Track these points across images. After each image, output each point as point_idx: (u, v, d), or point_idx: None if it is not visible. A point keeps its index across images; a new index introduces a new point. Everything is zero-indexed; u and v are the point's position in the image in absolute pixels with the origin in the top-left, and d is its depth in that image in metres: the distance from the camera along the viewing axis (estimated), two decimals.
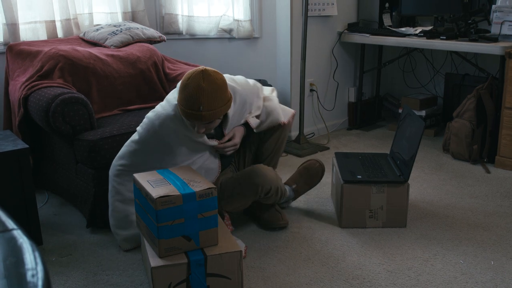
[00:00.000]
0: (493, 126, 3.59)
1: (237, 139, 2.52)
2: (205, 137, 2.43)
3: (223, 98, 2.26)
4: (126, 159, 2.45)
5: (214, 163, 2.53)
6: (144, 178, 2.10)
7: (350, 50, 4.47)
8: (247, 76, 3.97)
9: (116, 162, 2.47)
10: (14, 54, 3.12)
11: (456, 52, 4.03)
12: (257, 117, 2.64)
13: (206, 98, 2.19)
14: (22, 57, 3.09)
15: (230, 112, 2.43)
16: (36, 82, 2.88)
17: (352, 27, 4.32)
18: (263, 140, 2.75)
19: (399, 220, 2.68)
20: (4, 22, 3.23)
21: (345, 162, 2.88)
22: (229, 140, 2.51)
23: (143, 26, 3.51)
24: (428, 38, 3.80)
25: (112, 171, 2.48)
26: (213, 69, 2.26)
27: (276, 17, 4.08)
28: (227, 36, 4.02)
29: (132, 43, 3.33)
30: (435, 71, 4.50)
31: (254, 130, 2.61)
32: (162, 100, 3.21)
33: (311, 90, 4.20)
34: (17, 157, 2.44)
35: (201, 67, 2.26)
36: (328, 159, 3.68)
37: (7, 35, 3.25)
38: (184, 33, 3.89)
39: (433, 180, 3.36)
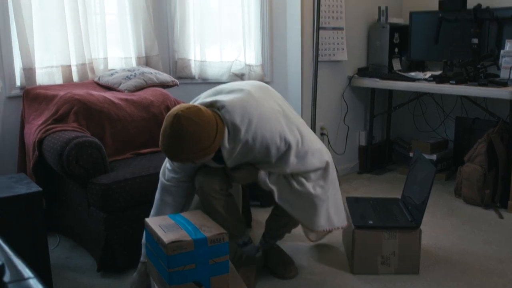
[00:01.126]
0: (504, 170, 3.57)
1: (239, 179, 2.38)
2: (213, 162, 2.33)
3: (190, 147, 2.05)
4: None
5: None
6: (155, 223, 2.11)
7: (360, 94, 4.51)
8: None
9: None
10: (31, 98, 3.18)
11: (466, 96, 4.06)
12: (284, 179, 2.33)
13: (168, 144, 2.07)
14: (38, 101, 3.15)
15: (225, 153, 2.20)
16: (51, 126, 2.93)
17: (362, 72, 4.38)
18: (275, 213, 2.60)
19: (411, 266, 2.65)
20: (21, 66, 3.31)
21: (356, 207, 2.87)
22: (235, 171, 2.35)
23: (157, 71, 3.58)
24: (437, 82, 3.84)
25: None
26: (194, 112, 2.06)
27: (287, 62, 4.14)
28: (238, 80, 4.08)
29: (146, 88, 3.39)
30: (445, 115, 4.52)
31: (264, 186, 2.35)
32: None
33: (322, 134, 4.22)
34: (31, 200, 2.46)
35: (178, 110, 2.08)
36: None
37: (24, 79, 3.32)
38: (196, 77, 3.96)
39: (445, 225, 3.34)
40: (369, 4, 4.43)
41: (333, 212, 2.41)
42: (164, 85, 3.50)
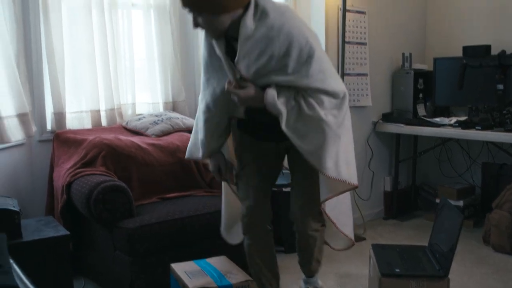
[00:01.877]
0: None
1: (243, 95, 2.11)
2: (224, 57, 2.14)
3: None
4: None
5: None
6: (181, 269, 2.12)
7: (385, 140, 4.51)
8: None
9: None
10: (60, 142, 3.26)
11: (493, 142, 4.03)
12: (295, 99, 2.09)
13: None
14: (68, 145, 3.22)
15: (243, 35, 2.02)
16: (80, 170, 2.99)
17: (387, 117, 4.39)
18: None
19: None
20: (52, 111, 3.40)
21: (383, 254, 2.83)
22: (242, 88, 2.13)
23: (183, 116, 3.64)
24: (463, 128, 3.83)
25: None
26: None
27: None
28: None
29: (172, 133, 3.45)
30: (471, 161, 4.48)
31: (272, 109, 2.09)
32: (200, 188, 3.28)
33: None
34: (58, 243, 2.49)
35: None
36: (364, 250, 3.62)
37: (55, 124, 3.41)
38: None
39: (474, 274, 3.27)
40: (392, 50, 4.47)
41: (342, 161, 2.22)
42: (191, 130, 3.54)
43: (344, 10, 3.84)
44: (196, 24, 2.10)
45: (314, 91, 2.09)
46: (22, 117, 3.09)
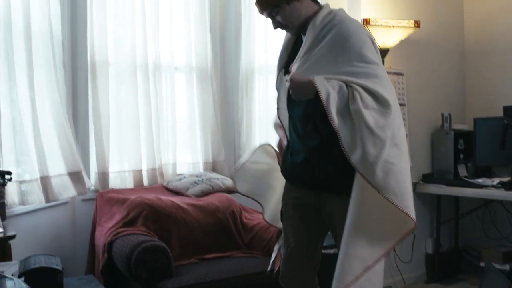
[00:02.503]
0: None
1: (296, 77, 2.02)
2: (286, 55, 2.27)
3: None
4: None
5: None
6: None
7: (425, 201, 4.44)
8: None
9: None
10: (103, 201, 3.33)
11: None
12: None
13: None
14: (110, 204, 3.29)
15: (310, 35, 2.09)
16: (121, 229, 3.04)
17: (427, 178, 4.34)
18: None
19: None
20: (96, 170, 3.50)
21: None
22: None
23: (223, 176, 3.69)
24: (506, 189, 3.75)
25: None
26: None
27: None
28: None
29: (212, 193, 3.49)
30: None
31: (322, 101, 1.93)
32: (239, 249, 3.28)
33: None
34: None
35: None
36: None
37: (98, 183, 3.50)
38: None
39: None
40: (432, 111, 4.47)
41: (395, 180, 1.94)
42: (230, 190, 3.59)
43: None
44: (276, 24, 2.19)
45: (362, 88, 1.97)
46: (74, 176, 3.19)
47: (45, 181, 2.96)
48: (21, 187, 2.88)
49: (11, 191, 2.81)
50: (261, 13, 2.20)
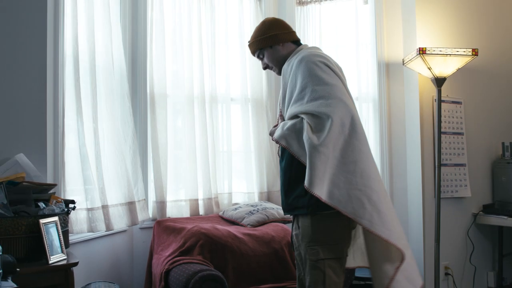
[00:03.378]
0: None
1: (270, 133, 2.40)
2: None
3: (259, 31, 2.49)
4: None
5: None
6: None
7: (486, 232, 4.30)
8: None
9: None
10: (161, 230, 3.39)
11: None
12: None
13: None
14: (167, 233, 3.35)
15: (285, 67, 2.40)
16: (178, 258, 3.08)
17: (488, 209, 4.20)
18: None
19: None
20: (154, 199, 3.58)
21: None
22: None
23: (278, 206, 3.69)
24: None
25: None
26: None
27: (407, 199, 4.10)
28: None
29: (268, 223, 3.50)
30: None
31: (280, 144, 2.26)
32: (294, 280, 3.25)
33: (446, 274, 4.02)
34: None
35: None
36: None
37: (156, 212, 3.57)
38: None
39: None
40: (491, 139, 4.35)
41: (353, 195, 2.10)
42: (285, 220, 3.59)
43: (439, 101, 3.83)
44: (264, 65, 2.56)
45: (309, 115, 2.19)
46: (129, 206, 3.28)
47: (104, 210, 3.05)
48: (87, 215, 2.98)
49: (76, 219, 2.91)
50: (253, 55, 2.59)
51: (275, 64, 2.50)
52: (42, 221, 2.32)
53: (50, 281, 2.27)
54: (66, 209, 2.58)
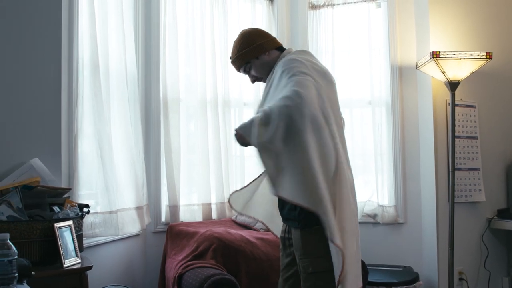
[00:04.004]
0: None
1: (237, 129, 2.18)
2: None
3: (241, 44, 2.42)
4: None
5: None
6: None
7: (501, 237, 4.26)
8: (391, 261, 3.92)
9: None
10: (174, 234, 3.40)
11: None
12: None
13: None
14: (180, 237, 3.36)
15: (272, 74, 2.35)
16: (191, 262, 3.08)
17: (503, 213, 4.16)
18: None
19: None
20: (167, 204, 3.59)
21: None
22: None
23: None
24: None
25: None
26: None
27: (421, 203, 4.08)
28: (371, 221, 4.06)
29: None
30: None
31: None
32: None
33: (461, 279, 3.99)
34: None
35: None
36: None
37: (168, 216, 3.58)
38: None
39: None
40: (506, 143, 4.31)
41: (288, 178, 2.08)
42: None
43: (453, 105, 3.80)
44: (252, 78, 2.49)
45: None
46: (139, 210, 3.29)
47: (116, 214, 3.06)
48: (97, 219, 3.00)
49: (90, 223, 2.94)
50: (238, 71, 2.51)
51: (263, 74, 2.44)
52: (56, 225, 2.34)
53: (64, 284, 2.29)
54: (80, 213, 2.60)
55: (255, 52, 2.40)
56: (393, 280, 3.48)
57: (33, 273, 1.83)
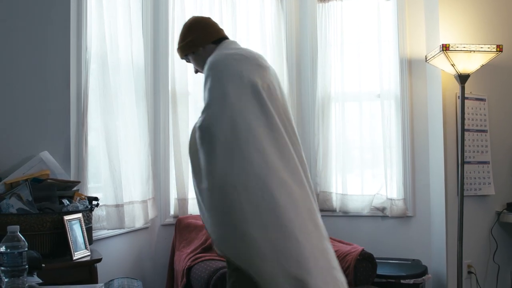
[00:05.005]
0: None
1: None
2: None
3: (180, 36, 2.43)
4: None
5: None
6: None
7: (510, 231, 4.24)
8: (400, 254, 3.92)
9: None
10: (182, 227, 3.42)
11: None
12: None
13: None
14: (189, 230, 3.37)
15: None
16: (200, 255, 3.10)
17: None
18: None
19: None
20: (176, 197, 3.60)
21: None
22: None
23: None
24: None
25: None
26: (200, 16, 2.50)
27: (430, 197, 4.07)
28: (380, 214, 4.06)
29: None
30: None
31: None
32: None
33: (469, 273, 3.98)
34: None
35: None
36: None
37: (177, 209, 3.60)
38: (337, 210, 4.01)
39: None
40: None
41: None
42: None
43: (463, 98, 3.78)
44: (194, 69, 2.49)
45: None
46: (145, 203, 3.31)
47: (122, 207, 3.08)
48: (106, 212, 3.02)
49: (99, 216, 2.96)
50: (181, 59, 2.51)
51: (201, 69, 2.38)
52: (66, 217, 2.36)
53: (74, 277, 2.31)
54: (89, 206, 2.61)
55: (189, 48, 2.40)
56: (401, 273, 3.47)
57: (43, 265, 1.85)
